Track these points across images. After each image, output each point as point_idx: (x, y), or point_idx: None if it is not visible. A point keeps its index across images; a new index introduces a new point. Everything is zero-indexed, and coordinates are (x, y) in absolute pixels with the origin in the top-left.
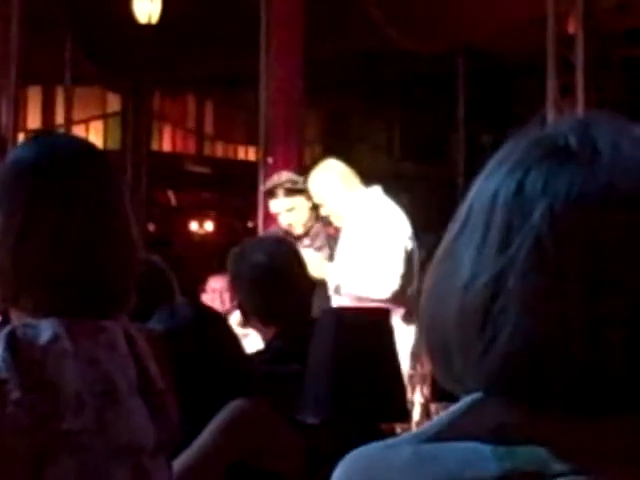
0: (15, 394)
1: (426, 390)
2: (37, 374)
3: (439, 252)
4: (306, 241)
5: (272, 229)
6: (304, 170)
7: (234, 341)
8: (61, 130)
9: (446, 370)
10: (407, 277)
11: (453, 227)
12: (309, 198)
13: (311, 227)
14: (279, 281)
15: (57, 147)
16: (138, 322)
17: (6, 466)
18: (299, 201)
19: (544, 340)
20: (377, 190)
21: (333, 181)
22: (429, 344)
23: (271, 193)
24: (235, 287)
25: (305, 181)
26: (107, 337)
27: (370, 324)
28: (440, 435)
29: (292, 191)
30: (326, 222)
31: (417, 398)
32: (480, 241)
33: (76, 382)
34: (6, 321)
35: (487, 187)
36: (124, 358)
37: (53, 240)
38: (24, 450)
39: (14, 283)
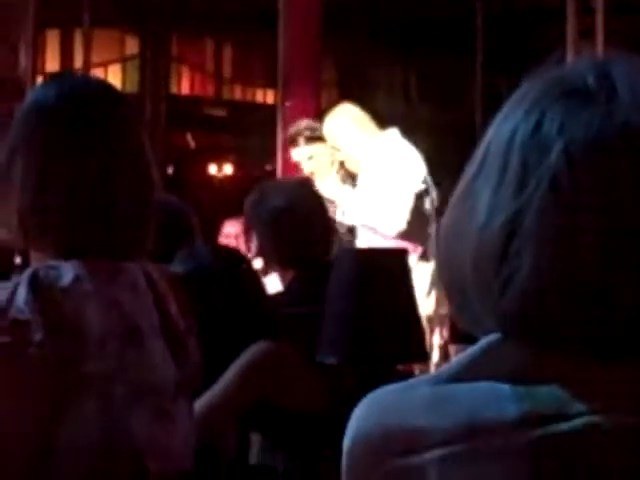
0: (38, 335)
1: (445, 332)
2: (59, 316)
3: (456, 193)
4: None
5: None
6: (322, 113)
7: (255, 282)
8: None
9: (464, 310)
10: (419, 217)
11: (470, 168)
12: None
13: (336, 174)
14: (298, 226)
15: (75, 89)
16: (159, 263)
17: (29, 406)
18: (320, 148)
19: (559, 280)
20: (393, 133)
21: (347, 125)
22: (446, 285)
23: (292, 141)
24: (254, 231)
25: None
26: (128, 278)
27: (387, 264)
28: (459, 376)
29: (312, 139)
30: (344, 167)
31: (436, 340)
32: (497, 182)
33: (98, 324)
34: (25, 263)
35: (504, 128)
36: (145, 299)
37: (72, 182)
38: (47, 390)
39: (34, 224)
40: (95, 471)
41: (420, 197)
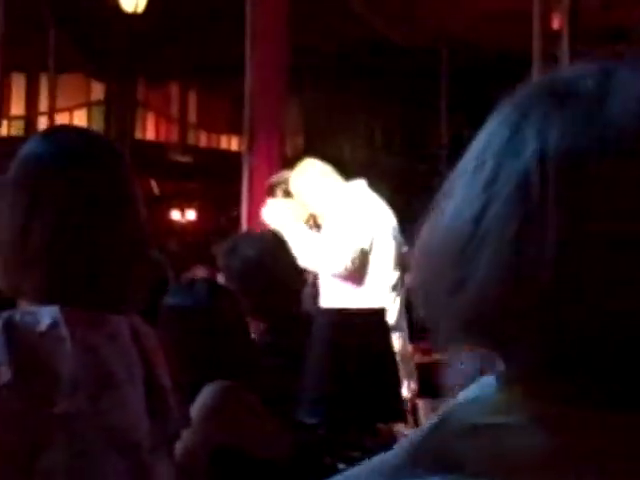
0: (6, 376)
1: (413, 384)
2: (31, 358)
3: (433, 204)
4: None
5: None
6: (287, 162)
7: (244, 324)
8: (44, 118)
9: (425, 306)
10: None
11: (450, 175)
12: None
13: (310, 227)
14: (267, 277)
15: (64, 142)
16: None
17: (2, 452)
18: (294, 202)
19: (514, 289)
20: (359, 183)
21: (313, 181)
22: (415, 282)
23: (270, 192)
24: (226, 281)
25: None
26: (109, 329)
27: (366, 324)
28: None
29: (289, 193)
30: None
31: (404, 393)
32: (469, 180)
33: (71, 366)
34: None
35: (485, 132)
36: (125, 349)
37: (54, 230)
38: (17, 435)
39: (18, 272)
40: None
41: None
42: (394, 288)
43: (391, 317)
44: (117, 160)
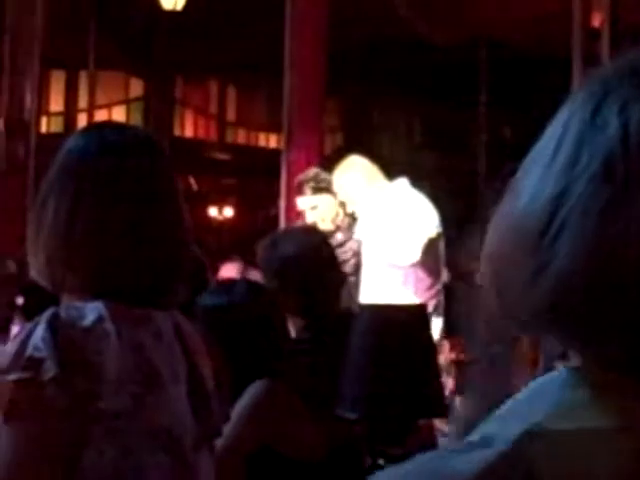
0: (52, 372)
1: (451, 382)
2: (76, 354)
3: (511, 182)
4: (339, 236)
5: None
6: (326, 159)
7: (282, 322)
8: (83, 114)
9: (497, 295)
10: (433, 263)
11: (526, 157)
12: (335, 195)
13: (342, 222)
14: (307, 274)
15: (107, 139)
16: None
17: (45, 448)
18: (325, 199)
19: (600, 267)
20: (402, 182)
21: (357, 179)
22: (486, 269)
23: (298, 190)
24: (265, 278)
25: (330, 177)
26: (153, 326)
27: (407, 319)
28: None
29: (318, 189)
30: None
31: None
32: (548, 161)
33: (116, 364)
34: (27, 305)
35: (563, 114)
36: (170, 349)
37: (99, 226)
38: (61, 430)
39: (62, 267)
40: None
41: (432, 243)
42: (433, 285)
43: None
44: (159, 155)
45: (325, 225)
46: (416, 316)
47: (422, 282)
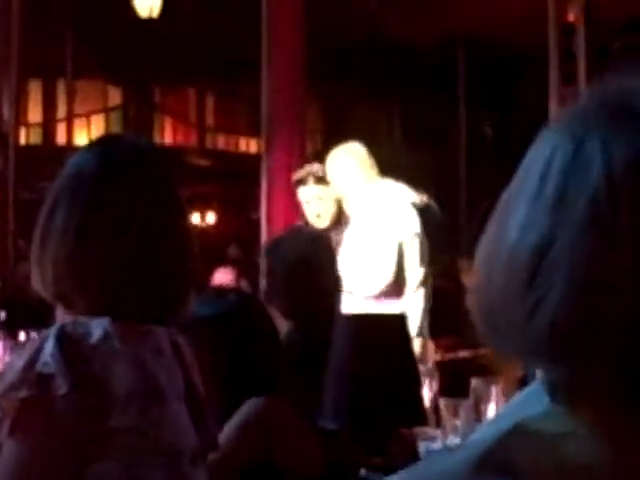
0: (63, 389)
1: (434, 385)
2: (85, 371)
3: (493, 214)
4: (332, 235)
5: (296, 224)
6: (307, 161)
7: (274, 333)
8: (62, 124)
9: (490, 330)
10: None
11: (508, 190)
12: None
13: (337, 220)
14: (307, 279)
15: (115, 152)
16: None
17: (49, 463)
18: (328, 191)
19: (591, 310)
20: (391, 184)
21: (352, 166)
22: (475, 303)
23: (301, 181)
24: (266, 279)
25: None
26: (153, 342)
27: (386, 328)
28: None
29: (322, 180)
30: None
31: (425, 393)
32: (533, 198)
33: (124, 381)
34: (10, 319)
35: (544, 147)
36: (170, 363)
37: (111, 244)
38: (69, 447)
39: (68, 282)
40: None
41: (406, 247)
42: (418, 286)
43: (415, 315)
44: (168, 168)
45: (321, 222)
46: (395, 325)
47: (396, 288)
